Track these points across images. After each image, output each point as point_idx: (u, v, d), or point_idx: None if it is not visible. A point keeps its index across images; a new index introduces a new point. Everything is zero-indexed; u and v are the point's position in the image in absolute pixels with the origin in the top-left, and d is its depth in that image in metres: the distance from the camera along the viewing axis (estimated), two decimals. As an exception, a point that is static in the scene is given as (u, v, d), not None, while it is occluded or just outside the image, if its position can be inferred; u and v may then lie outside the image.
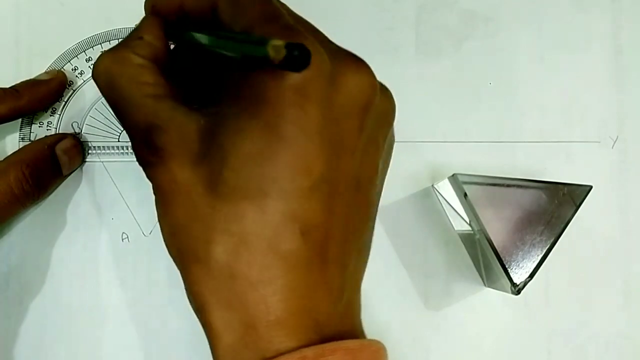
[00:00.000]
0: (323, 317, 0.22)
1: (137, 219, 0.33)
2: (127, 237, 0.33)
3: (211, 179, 0.22)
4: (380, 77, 0.35)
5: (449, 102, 0.35)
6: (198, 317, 0.23)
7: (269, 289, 0.21)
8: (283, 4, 0.25)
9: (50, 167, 0.32)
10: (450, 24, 0.35)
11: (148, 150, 0.23)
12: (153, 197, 0.24)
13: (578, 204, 0.30)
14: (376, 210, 0.25)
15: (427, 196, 0.34)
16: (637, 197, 0.34)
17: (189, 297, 0.23)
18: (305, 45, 0.20)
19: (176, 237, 0.23)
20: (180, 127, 0.23)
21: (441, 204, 0.34)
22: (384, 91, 0.24)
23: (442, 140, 0.34)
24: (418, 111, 0.34)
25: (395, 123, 0.34)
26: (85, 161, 0.33)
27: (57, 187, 0.33)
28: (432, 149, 0.34)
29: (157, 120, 0.23)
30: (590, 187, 0.31)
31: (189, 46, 0.26)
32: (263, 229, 0.21)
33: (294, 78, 0.21)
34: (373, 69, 0.35)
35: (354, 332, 0.23)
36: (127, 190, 0.33)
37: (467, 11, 0.35)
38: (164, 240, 0.24)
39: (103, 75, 0.24)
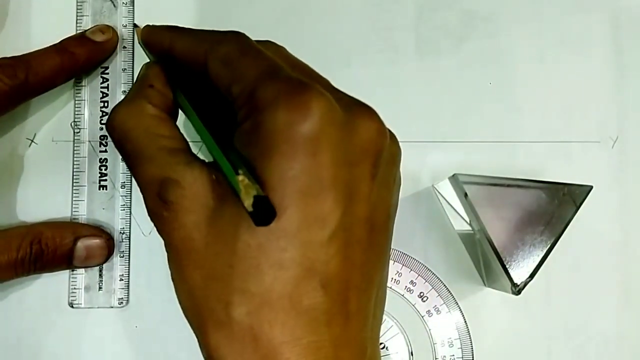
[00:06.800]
0: None
1: (137, 219, 0.33)
2: (127, 237, 0.33)
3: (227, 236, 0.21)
4: (380, 77, 0.35)
5: (449, 102, 0.35)
6: None
7: (294, 350, 0.20)
8: (280, 49, 0.25)
9: (63, 255, 0.30)
10: (450, 24, 0.35)
11: (162, 205, 0.22)
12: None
13: (578, 204, 0.30)
14: (390, 253, 0.25)
15: (427, 196, 0.34)
16: (637, 197, 0.34)
17: None
18: (269, 199, 0.19)
19: (193, 299, 0.22)
20: (196, 181, 0.22)
21: (441, 204, 0.34)
22: (391, 135, 0.24)
23: (442, 140, 0.34)
24: (418, 111, 0.34)
25: (395, 123, 0.34)
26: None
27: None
28: (432, 149, 0.34)
29: (172, 174, 0.22)
30: (591, 187, 0.31)
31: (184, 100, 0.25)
32: (283, 285, 0.20)
33: (306, 127, 0.20)
34: (373, 69, 0.35)
35: None
36: (127, 191, 0.33)
37: (467, 11, 0.35)
38: (179, 302, 0.23)
39: (118, 128, 0.24)
